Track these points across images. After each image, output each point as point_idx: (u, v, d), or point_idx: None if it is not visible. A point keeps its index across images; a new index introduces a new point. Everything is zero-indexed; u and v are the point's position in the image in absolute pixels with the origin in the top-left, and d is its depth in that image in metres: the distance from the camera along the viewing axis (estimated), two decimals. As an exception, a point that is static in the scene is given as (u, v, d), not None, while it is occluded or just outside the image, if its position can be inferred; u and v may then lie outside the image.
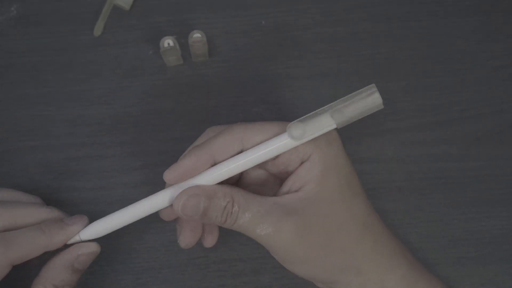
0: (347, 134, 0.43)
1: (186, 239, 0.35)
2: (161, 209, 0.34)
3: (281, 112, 0.43)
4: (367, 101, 0.31)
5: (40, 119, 0.43)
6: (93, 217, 0.41)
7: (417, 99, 0.43)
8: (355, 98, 0.31)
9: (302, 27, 0.45)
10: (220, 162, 0.33)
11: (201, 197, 0.32)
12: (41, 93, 0.43)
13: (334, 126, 0.31)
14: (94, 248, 0.34)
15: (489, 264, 0.40)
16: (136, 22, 0.45)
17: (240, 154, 0.32)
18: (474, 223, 0.41)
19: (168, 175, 0.33)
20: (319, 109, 0.32)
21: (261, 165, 0.34)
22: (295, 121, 0.32)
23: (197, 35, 0.41)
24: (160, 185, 0.42)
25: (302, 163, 0.33)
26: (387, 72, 0.44)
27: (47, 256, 0.34)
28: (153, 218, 0.41)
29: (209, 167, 0.33)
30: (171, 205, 0.33)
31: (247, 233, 0.32)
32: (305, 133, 0.31)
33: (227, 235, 0.41)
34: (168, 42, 0.41)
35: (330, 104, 0.32)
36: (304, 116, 0.32)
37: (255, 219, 0.31)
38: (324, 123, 0.31)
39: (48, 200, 0.41)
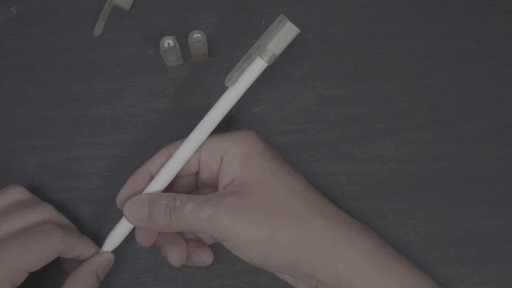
0: (347, 134, 0.43)
1: (173, 254, 0.36)
2: (137, 235, 0.37)
3: (281, 112, 0.43)
4: (283, 31, 0.34)
5: (40, 119, 0.43)
6: (93, 217, 0.41)
7: (417, 99, 0.43)
8: (271, 33, 0.34)
9: (302, 27, 0.45)
10: (154, 175, 0.36)
11: (145, 200, 0.35)
12: (41, 93, 0.43)
13: (266, 64, 0.35)
14: (111, 256, 0.37)
15: (489, 264, 0.40)
16: (136, 22, 0.45)
17: (167, 161, 0.36)
18: (474, 223, 0.41)
19: (117, 200, 0.37)
20: (245, 55, 0.35)
21: (191, 177, 0.38)
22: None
23: (197, 35, 0.41)
24: (160, 185, 0.42)
25: (221, 158, 0.35)
26: (387, 72, 0.44)
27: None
28: (153, 218, 0.41)
29: (148, 182, 0.36)
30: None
31: (194, 227, 0.34)
32: (241, 77, 0.35)
33: (227, 235, 0.41)
34: (168, 42, 0.41)
35: (252, 47, 0.35)
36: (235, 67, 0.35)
37: (197, 206, 0.33)
38: (255, 64, 0.35)
39: (48, 200, 0.41)
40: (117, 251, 0.40)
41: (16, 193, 0.38)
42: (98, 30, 0.45)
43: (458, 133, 0.43)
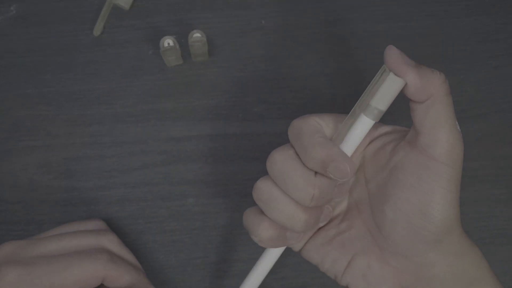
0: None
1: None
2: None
3: (281, 112, 0.43)
4: (385, 85, 0.29)
5: (40, 119, 0.43)
6: (93, 217, 0.41)
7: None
8: (373, 86, 0.30)
9: (302, 27, 0.45)
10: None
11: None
12: (41, 93, 0.43)
13: (373, 122, 0.30)
14: None
15: (489, 263, 0.40)
16: (136, 22, 0.45)
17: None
18: (474, 223, 0.41)
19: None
20: (350, 112, 0.31)
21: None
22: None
23: (197, 35, 0.41)
24: (160, 185, 0.42)
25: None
26: (387, 72, 0.44)
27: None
28: (153, 218, 0.41)
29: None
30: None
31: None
32: (347, 136, 0.31)
33: (227, 234, 0.41)
34: (168, 42, 0.41)
35: (357, 102, 0.31)
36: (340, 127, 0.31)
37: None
38: (360, 122, 0.30)
39: (48, 200, 0.41)
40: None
41: (94, 224, 0.37)
42: (97, 30, 0.45)
43: (458, 133, 0.43)
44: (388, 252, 0.31)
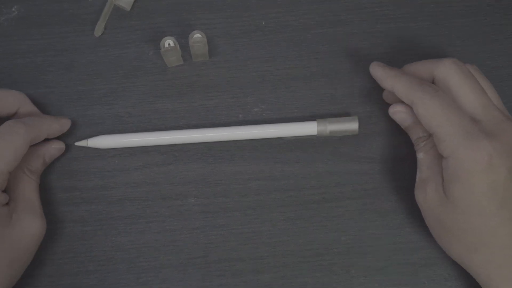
0: (347, 134, 0.43)
1: None
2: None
3: (281, 112, 0.43)
4: (347, 123, 0.41)
5: (41, 119, 0.43)
6: (93, 216, 0.41)
7: (417, 99, 0.44)
8: (339, 118, 0.42)
9: (302, 27, 0.45)
10: None
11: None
12: (42, 93, 0.44)
13: (315, 133, 0.42)
14: (62, 145, 0.41)
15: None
16: (137, 22, 0.45)
17: None
18: None
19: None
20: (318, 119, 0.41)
21: None
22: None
23: (197, 35, 0.41)
24: (161, 185, 0.42)
25: None
26: (387, 72, 0.44)
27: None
28: (153, 218, 0.41)
29: None
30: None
31: None
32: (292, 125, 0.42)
33: (227, 234, 0.41)
34: (168, 42, 0.41)
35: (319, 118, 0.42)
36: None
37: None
38: (309, 126, 0.42)
39: (49, 200, 0.42)
40: (117, 251, 0.41)
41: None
42: (99, 30, 0.45)
43: (457, 133, 0.43)
44: None
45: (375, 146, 0.43)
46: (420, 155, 0.39)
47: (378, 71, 0.39)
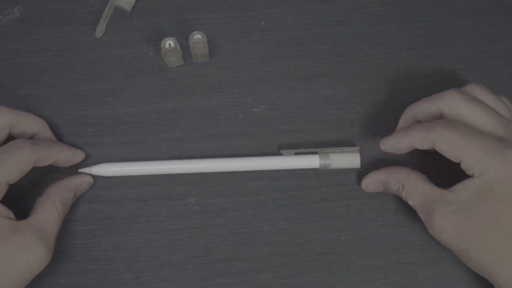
0: (347, 134, 0.43)
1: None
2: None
3: (281, 112, 0.43)
4: (349, 158, 0.41)
5: (42, 119, 0.43)
6: (93, 216, 0.41)
7: (417, 99, 0.43)
8: (341, 150, 0.41)
9: (302, 27, 0.45)
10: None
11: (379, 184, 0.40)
12: (43, 93, 0.44)
13: (317, 166, 0.41)
14: (91, 179, 0.41)
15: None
16: (137, 23, 0.45)
17: None
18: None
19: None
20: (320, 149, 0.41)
21: None
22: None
23: (197, 36, 0.41)
24: (161, 184, 0.42)
25: None
26: (387, 72, 0.44)
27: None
28: (153, 218, 0.42)
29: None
30: None
31: None
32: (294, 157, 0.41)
33: (227, 233, 0.41)
34: (169, 43, 0.41)
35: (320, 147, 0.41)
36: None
37: (415, 206, 0.38)
38: (312, 160, 0.41)
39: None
40: (117, 250, 0.41)
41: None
42: (99, 31, 0.45)
43: (457, 133, 0.43)
44: None
45: (375, 146, 0.43)
46: (410, 202, 0.38)
47: (389, 140, 0.39)
